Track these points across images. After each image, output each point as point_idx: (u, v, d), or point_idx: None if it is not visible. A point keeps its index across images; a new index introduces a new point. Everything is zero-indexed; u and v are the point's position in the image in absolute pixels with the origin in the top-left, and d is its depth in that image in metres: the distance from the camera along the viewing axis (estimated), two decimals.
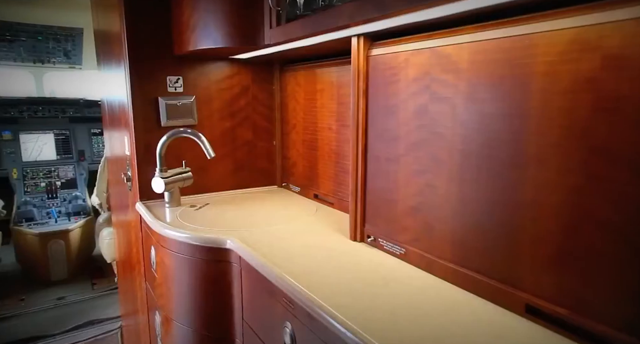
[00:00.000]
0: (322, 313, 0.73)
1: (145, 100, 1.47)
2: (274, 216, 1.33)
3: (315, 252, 1.02)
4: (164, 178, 1.37)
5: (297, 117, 1.60)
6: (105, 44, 1.84)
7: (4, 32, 3.07)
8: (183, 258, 1.18)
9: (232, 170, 1.67)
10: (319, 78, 1.43)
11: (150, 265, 1.41)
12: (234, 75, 1.61)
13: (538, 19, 0.65)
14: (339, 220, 1.28)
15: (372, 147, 1.02)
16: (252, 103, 1.67)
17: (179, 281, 1.21)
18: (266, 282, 0.94)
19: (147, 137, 1.48)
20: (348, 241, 1.09)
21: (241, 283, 1.09)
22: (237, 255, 1.08)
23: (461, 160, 0.79)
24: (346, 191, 1.36)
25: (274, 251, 1.01)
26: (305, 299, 0.79)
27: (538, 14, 0.65)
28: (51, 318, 2.67)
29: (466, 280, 0.80)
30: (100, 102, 4.14)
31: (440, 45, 0.81)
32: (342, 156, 1.36)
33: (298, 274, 0.88)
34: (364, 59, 1.00)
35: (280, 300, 0.89)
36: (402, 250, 0.95)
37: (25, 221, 3.27)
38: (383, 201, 1.00)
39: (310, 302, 0.77)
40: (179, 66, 1.51)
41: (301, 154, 1.59)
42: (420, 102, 0.87)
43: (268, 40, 1.17)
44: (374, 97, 1.00)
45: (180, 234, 1.17)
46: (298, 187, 1.63)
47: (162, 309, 1.32)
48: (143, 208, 1.42)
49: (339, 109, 1.35)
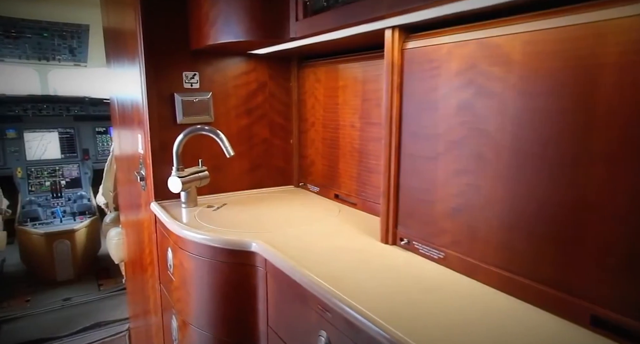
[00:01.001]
0: (367, 322, 0.68)
1: (160, 96, 1.42)
2: (296, 218, 1.28)
3: (345, 255, 0.97)
4: (181, 178, 1.32)
5: (316, 114, 1.55)
6: (117, 41, 1.79)
7: (9, 29, 3.02)
8: (203, 260, 1.13)
9: (248, 169, 1.62)
10: (341, 74, 1.38)
11: (166, 267, 1.36)
12: (250, 71, 1.56)
13: (606, 5, 0.60)
14: (365, 221, 1.23)
15: (407, 145, 0.96)
16: (269, 100, 1.61)
17: (198, 285, 1.16)
18: (297, 287, 0.89)
19: (162, 134, 1.43)
20: (379, 244, 1.04)
21: (266, 288, 1.04)
22: (262, 258, 1.03)
23: (510, 158, 0.74)
24: (370, 192, 1.31)
25: (302, 254, 0.96)
26: (346, 307, 0.73)
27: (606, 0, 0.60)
28: (57, 319, 2.63)
29: (515, 286, 0.75)
30: (105, 100, 4.13)
31: (489, 36, 0.76)
32: (366, 154, 1.31)
33: (332, 279, 0.83)
34: (399, 52, 0.95)
35: (314, 307, 0.84)
36: (441, 253, 0.90)
37: (30, 221, 3.23)
38: (418, 202, 0.95)
39: (352, 310, 0.72)
40: (195, 61, 1.46)
41: (320, 153, 1.54)
42: (464, 97, 0.82)
43: (294, 33, 1.11)
44: (409, 92, 0.95)
45: (201, 236, 1.12)
46: (317, 187, 1.58)
47: (180, 313, 1.27)
48: (159, 208, 1.37)
49: (363, 106, 1.30)
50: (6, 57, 3.53)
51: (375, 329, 0.67)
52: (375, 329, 0.67)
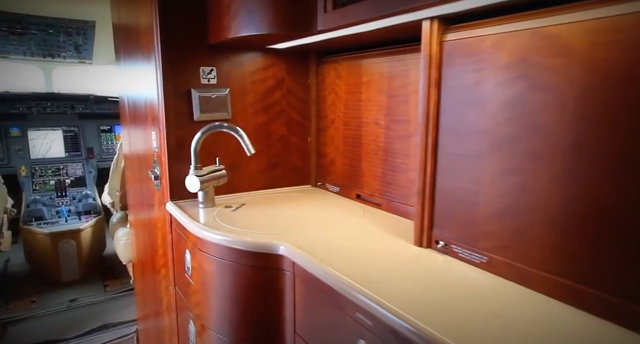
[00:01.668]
0: (417, 332, 0.63)
1: (177, 92, 1.37)
2: (320, 219, 1.23)
3: (379, 259, 0.92)
4: (199, 176, 1.27)
5: (336, 111, 1.49)
6: (129, 37, 1.74)
7: (14, 25, 2.97)
8: (226, 263, 1.08)
9: (264, 168, 1.56)
10: (365, 69, 1.33)
11: (183, 270, 1.31)
12: (268, 67, 1.51)
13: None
14: (393, 222, 1.18)
15: (445, 143, 0.91)
16: (287, 96, 1.56)
17: (219, 289, 1.11)
18: (331, 293, 0.84)
19: (178, 132, 1.38)
20: (412, 247, 0.98)
21: (294, 292, 0.99)
22: (290, 262, 0.98)
23: (570, 157, 0.69)
24: (396, 192, 1.26)
25: (334, 257, 0.91)
26: (391, 315, 0.68)
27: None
28: (64, 320, 2.58)
29: (574, 294, 0.70)
30: (110, 98, 4.08)
31: (544, 26, 0.71)
32: (391, 153, 1.26)
33: (370, 284, 0.78)
34: (438, 45, 0.90)
35: (351, 314, 0.78)
36: (484, 258, 0.84)
37: (35, 221, 3.17)
38: (458, 203, 0.90)
39: (399, 318, 0.67)
40: (212, 56, 1.41)
41: (341, 151, 1.49)
42: (513, 91, 0.77)
43: (321, 26, 1.06)
44: (448, 87, 0.89)
45: (223, 237, 1.06)
46: (336, 187, 1.53)
47: (199, 317, 1.22)
48: (175, 208, 1.32)
49: (389, 103, 1.25)
50: (10, 53, 3.47)
51: (428, 339, 0.62)
52: (427, 338, 0.62)
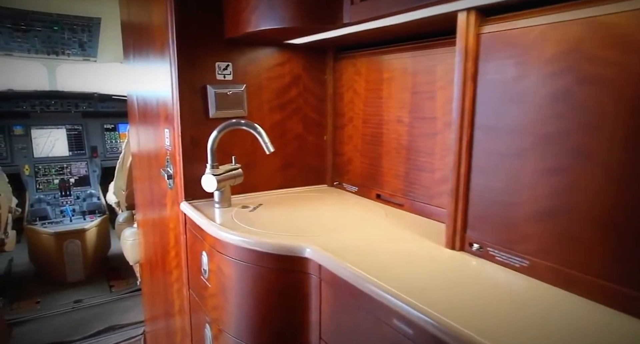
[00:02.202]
0: (466, 342, 0.59)
1: (192, 89, 1.32)
2: (342, 220, 1.19)
3: (411, 262, 0.87)
4: (216, 176, 1.23)
5: (354, 109, 1.45)
6: (140, 34, 1.69)
7: (19, 22, 2.92)
8: (246, 266, 1.04)
9: (280, 167, 1.52)
10: (386, 65, 1.29)
11: (198, 272, 1.26)
12: (284, 63, 1.47)
13: None
14: (418, 223, 1.14)
15: (481, 141, 0.87)
16: (303, 93, 1.52)
17: (239, 293, 1.07)
18: (364, 298, 0.79)
19: (193, 130, 1.34)
20: (444, 249, 0.94)
21: (320, 297, 0.95)
22: (316, 265, 0.94)
23: (625, 154, 0.65)
24: (420, 192, 1.21)
25: (363, 260, 0.87)
26: (436, 323, 0.64)
27: None
28: (69, 322, 2.53)
29: (625, 300, 0.66)
30: (115, 96, 4.03)
31: (599, 15, 0.66)
32: (415, 152, 1.21)
33: (408, 289, 0.73)
34: (474, 38, 0.85)
35: (387, 321, 0.74)
36: (525, 261, 0.80)
37: (39, 220, 3.13)
38: (495, 204, 0.85)
39: (445, 327, 0.63)
40: (228, 51, 1.36)
41: (359, 150, 1.45)
42: (561, 85, 0.72)
43: (347, 19, 1.02)
44: (485, 82, 0.85)
45: (244, 239, 1.02)
46: (355, 186, 1.48)
47: (216, 322, 1.18)
48: (191, 208, 1.28)
49: (413, 100, 1.21)
50: (14, 51, 3.42)
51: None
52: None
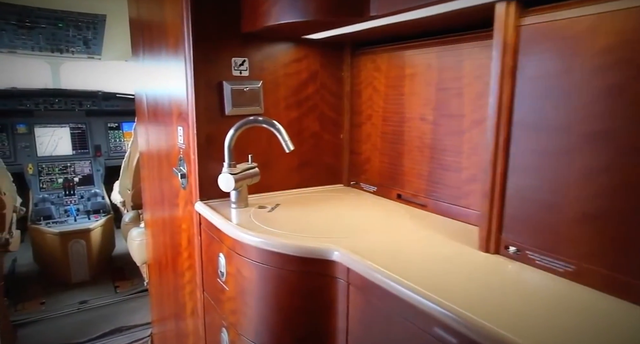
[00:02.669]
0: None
1: (208, 85, 1.28)
2: (364, 221, 1.14)
3: (446, 266, 0.83)
4: (233, 175, 1.19)
5: (373, 106, 1.41)
6: (150, 31, 1.65)
7: (24, 18, 2.88)
8: (269, 269, 1.00)
9: (296, 167, 1.48)
10: (409, 61, 1.25)
11: (214, 274, 1.22)
12: (301, 59, 1.43)
13: None
14: (445, 225, 1.09)
15: (520, 139, 0.83)
16: (320, 91, 1.48)
17: (260, 297, 1.03)
18: (399, 304, 0.75)
19: (209, 127, 1.30)
20: (478, 253, 0.90)
21: (347, 302, 0.90)
22: (344, 268, 0.90)
23: None
24: (444, 192, 1.17)
25: (394, 264, 0.82)
26: (485, 331, 0.60)
27: None
28: (75, 323, 2.49)
29: None
30: (119, 94, 3.99)
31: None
32: (440, 150, 1.17)
33: (446, 295, 0.69)
34: (514, 30, 0.81)
35: (426, 328, 0.70)
36: (570, 266, 0.76)
37: (44, 220, 3.09)
38: (535, 205, 0.81)
39: (498, 337, 0.58)
40: (245, 47, 1.32)
41: (378, 148, 1.41)
42: (613, 81, 0.68)
43: (375, 11, 0.97)
44: (525, 77, 0.81)
45: (267, 241, 0.98)
46: (373, 186, 1.44)
47: (234, 326, 1.13)
48: (207, 209, 1.23)
49: (438, 97, 1.16)
50: (18, 48, 3.38)
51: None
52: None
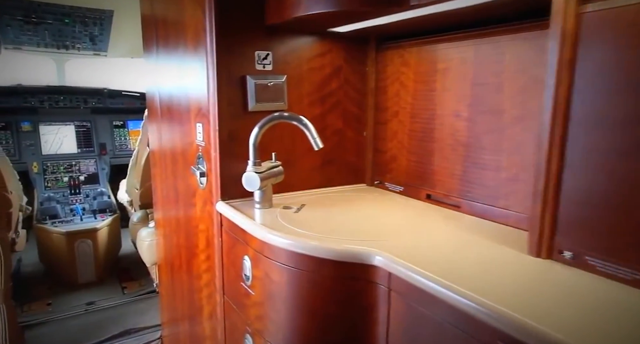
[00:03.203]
0: None
1: (230, 79, 1.22)
2: (397, 223, 1.09)
3: (496, 272, 0.77)
4: (259, 173, 1.13)
5: (400, 102, 1.35)
6: (166, 27, 1.58)
7: (30, 14, 2.82)
8: (302, 274, 0.94)
9: (319, 165, 1.42)
10: (442, 55, 1.19)
11: (237, 278, 1.17)
12: (325, 53, 1.37)
13: None
14: (483, 227, 1.04)
15: (579, 136, 0.77)
16: (344, 86, 1.42)
17: (291, 303, 0.97)
18: (451, 314, 0.70)
19: (231, 123, 1.24)
20: (528, 257, 0.84)
21: (388, 310, 0.85)
22: (385, 273, 0.84)
23: None
24: (480, 192, 1.12)
25: (445, 270, 0.77)
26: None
27: None
28: (83, 325, 2.44)
29: None
30: (124, 92, 3.93)
31: None
32: (477, 149, 1.12)
33: (506, 303, 0.64)
34: (574, 18, 0.76)
35: (489, 340, 0.64)
36: (638, 274, 0.70)
37: (49, 219, 3.03)
38: (597, 207, 0.75)
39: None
40: (268, 40, 1.26)
41: (405, 147, 1.35)
42: None
43: (415, 0, 0.92)
44: (587, 69, 0.75)
45: (302, 244, 0.92)
46: (399, 186, 1.38)
47: (260, 333, 1.08)
48: (230, 209, 1.18)
49: (474, 92, 1.11)
50: (24, 44, 3.33)
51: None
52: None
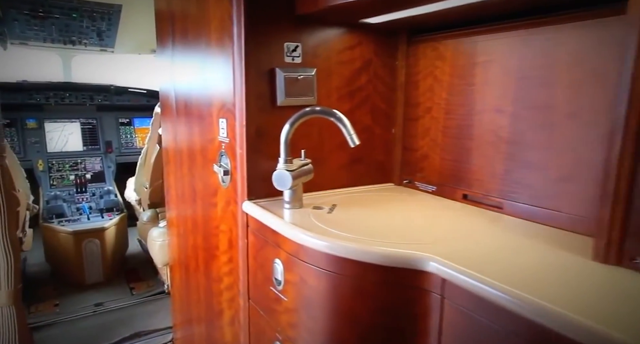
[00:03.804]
0: None
1: (258, 72, 1.16)
2: (441, 225, 1.02)
3: (563, 280, 0.71)
4: (290, 172, 1.07)
5: (434, 98, 1.29)
6: (185, 21, 1.51)
7: (37, 8, 2.75)
8: (343, 279, 0.88)
9: (347, 164, 1.36)
10: (482, 48, 1.12)
11: (268, 282, 1.10)
12: (355, 46, 1.30)
13: None
14: (533, 230, 0.97)
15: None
16: (373, 81, 1.35)
17: (332, 310, 0.91)
18: (521, 324, 0.63)
19: (260, 118, 1.18)
20: (592, 263, 0.78)
21: (441, 319, 0.79)
22: (438, 280, 0.78)
23: None
24: (525, 192, 1.05)
25: (508, 277, 0.70)
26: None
27: None
28: (92, 327, 2.37)
29: None
30: (130, 89, 3.86)
31: None
32: (521, 146, 1.05)
33: (587, 316, 0.57)
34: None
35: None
36: None
37: (56, 218, 2.97)
38: None
39: None
40: (298, 31, 1.20)
41: (439, 144, 1.28)
42: None
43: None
44: None
45: (346, 247, 0.86)
46: (432, 186, 1.32)
47: (293, 342, 1.02)
48: (259, 209, 1.11)
49: (519, 86, 1.04)
50: (30, 40, 3.26)
51: None
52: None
